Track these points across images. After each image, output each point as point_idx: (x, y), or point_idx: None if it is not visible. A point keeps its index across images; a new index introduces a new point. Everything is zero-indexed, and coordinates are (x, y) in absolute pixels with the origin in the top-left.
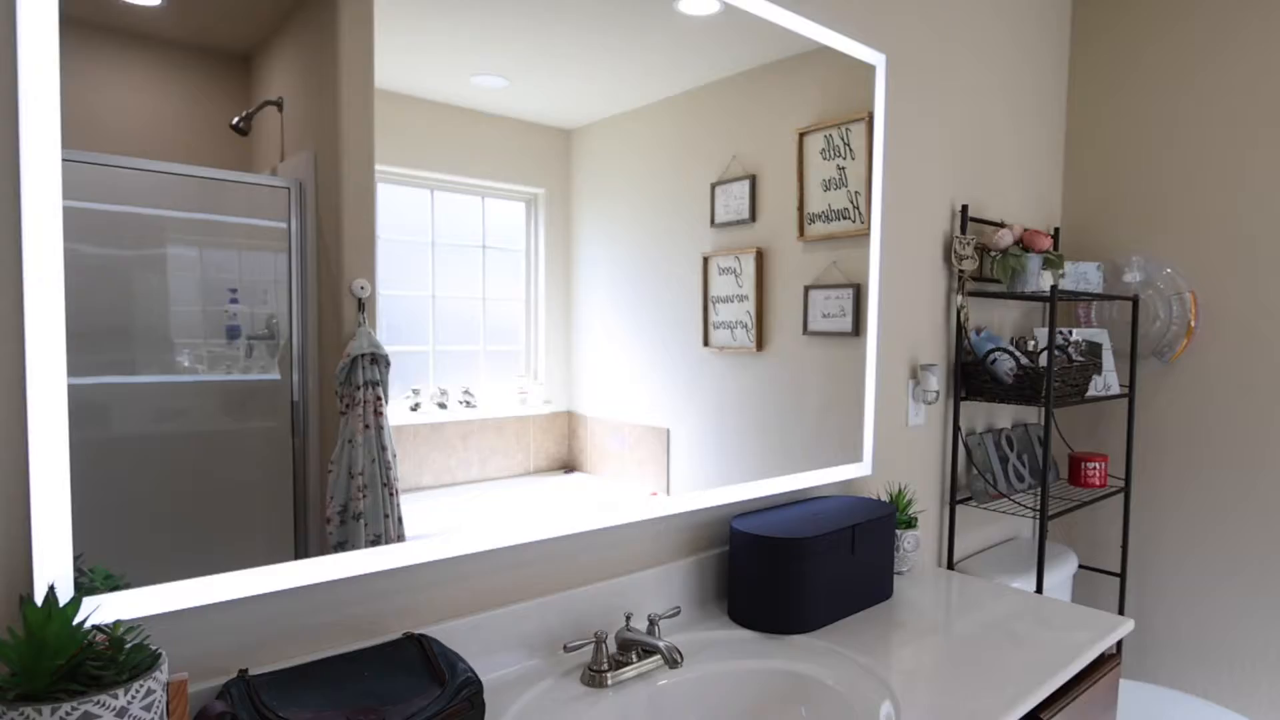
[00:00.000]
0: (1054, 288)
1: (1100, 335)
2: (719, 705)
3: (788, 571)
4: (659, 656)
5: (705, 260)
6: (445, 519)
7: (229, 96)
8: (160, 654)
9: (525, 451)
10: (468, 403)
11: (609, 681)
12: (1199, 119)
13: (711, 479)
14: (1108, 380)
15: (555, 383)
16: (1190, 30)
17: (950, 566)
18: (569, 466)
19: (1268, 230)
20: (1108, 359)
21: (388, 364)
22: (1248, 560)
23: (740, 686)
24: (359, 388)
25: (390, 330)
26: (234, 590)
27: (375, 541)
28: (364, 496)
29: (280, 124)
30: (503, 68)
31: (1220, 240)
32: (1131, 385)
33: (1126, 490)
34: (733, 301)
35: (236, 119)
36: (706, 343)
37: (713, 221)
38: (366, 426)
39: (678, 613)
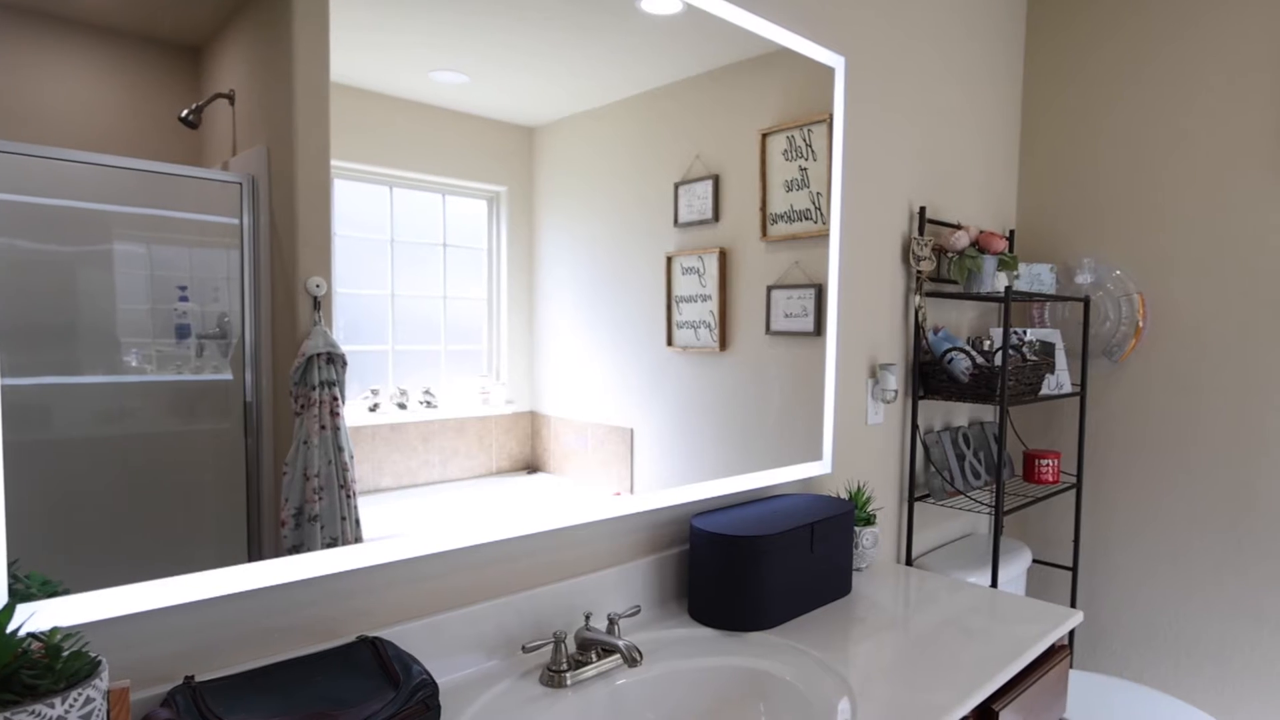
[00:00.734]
0: (1008, 289)
1: (1053, 335)
2: (679, 703)
3: (746, 569)
4: (618, 656)
5: (669, 260)
6: (404, 521)
7: (178, 89)
8: (100, 661)
9: (487, 452)
10: (428, 403)
11: (568, 681)
12: (1144, 125)
13: (675, 478)
14: (1060, 379)
15: (518, 383)
16: (1135, 37)
17: (909, 563)
18: (532, 467)
19: (1210, 235)
20: (1060, 358)
21: (344, 363)
22: (1190, 553)
23: (700, 684)
24: (314, 388)
25: (348, 329)
26: (179, 595)
27: (332, 544)
28: (320, 499)
29: (232, 117)
30: (463, 64)
31: (1166, 244)
32: (1083, 384)
33: (1078, 486)
34: (696, 301)
35: (185, 111)
36: (670, 342)
37: (676, 221)
38: (323, 427)
39: (638, 612)
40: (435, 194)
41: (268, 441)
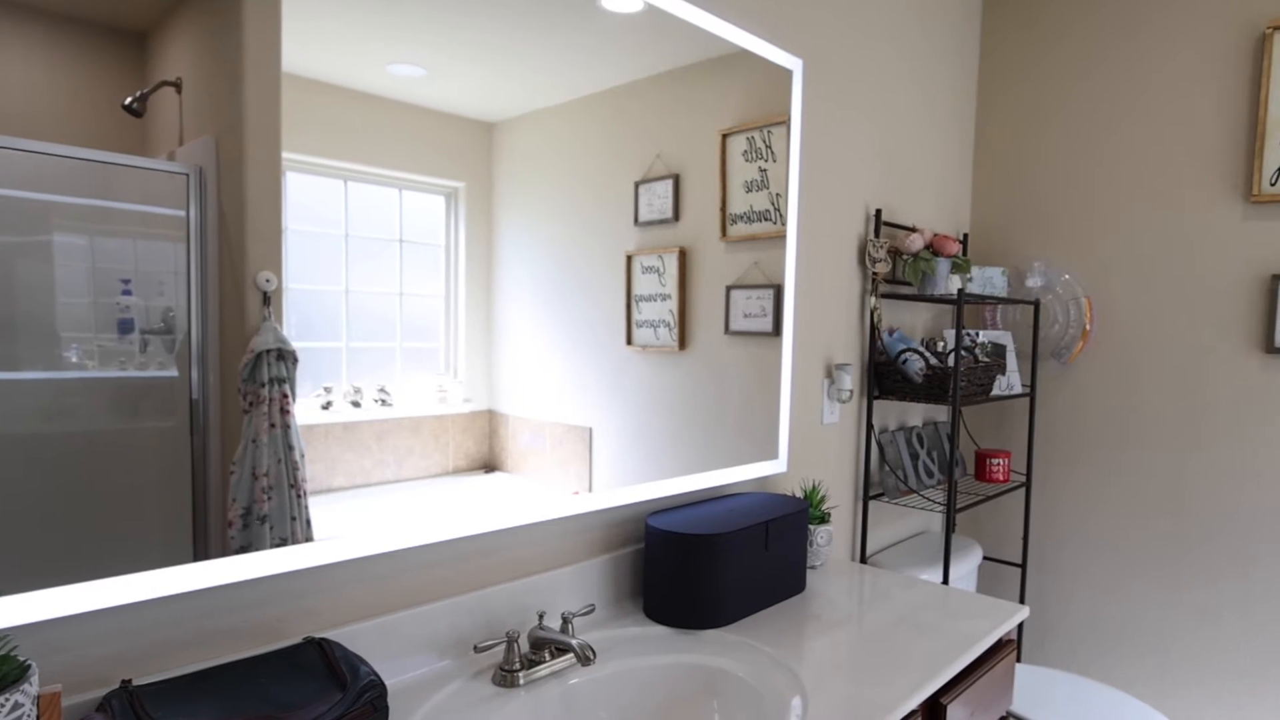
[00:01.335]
0: (961, 291)
1: (1004, 337)
2: (632, 701)
3: (701, 567)
4: (572, 655)
5: (629, 259)
6: (357, 521)
7: (122, 76)
8: (29, 665)
9: (444, 451)
10: (383, 401)
11: (521, 681)
12: (1092, 131)
13: (634, 477)
14: (1011, 380)
15: (476, 381)
16: (1083, 44)
17: (863, 560)
18: (490, 466)
19: (1153, 241)
20: (1011, 360)
21: (295, 360)
22: (1131, 549)
23: (653, 681)
24: (264, 385)
25: (300, 325)
26: (116, 597)
27: (281, 544)
28: (269, 499)
29: (179, 106)
30: (421, 56)
31: (1112, 249)
32: (1033, 385)
33: (1027, 484)
34: (656, 300)
35: (129, 99)
36: (629, 341)
37: (636, 220)
38: (272, 425)
39: (592, 610)
40: (391, 189)
41: (215, 440)
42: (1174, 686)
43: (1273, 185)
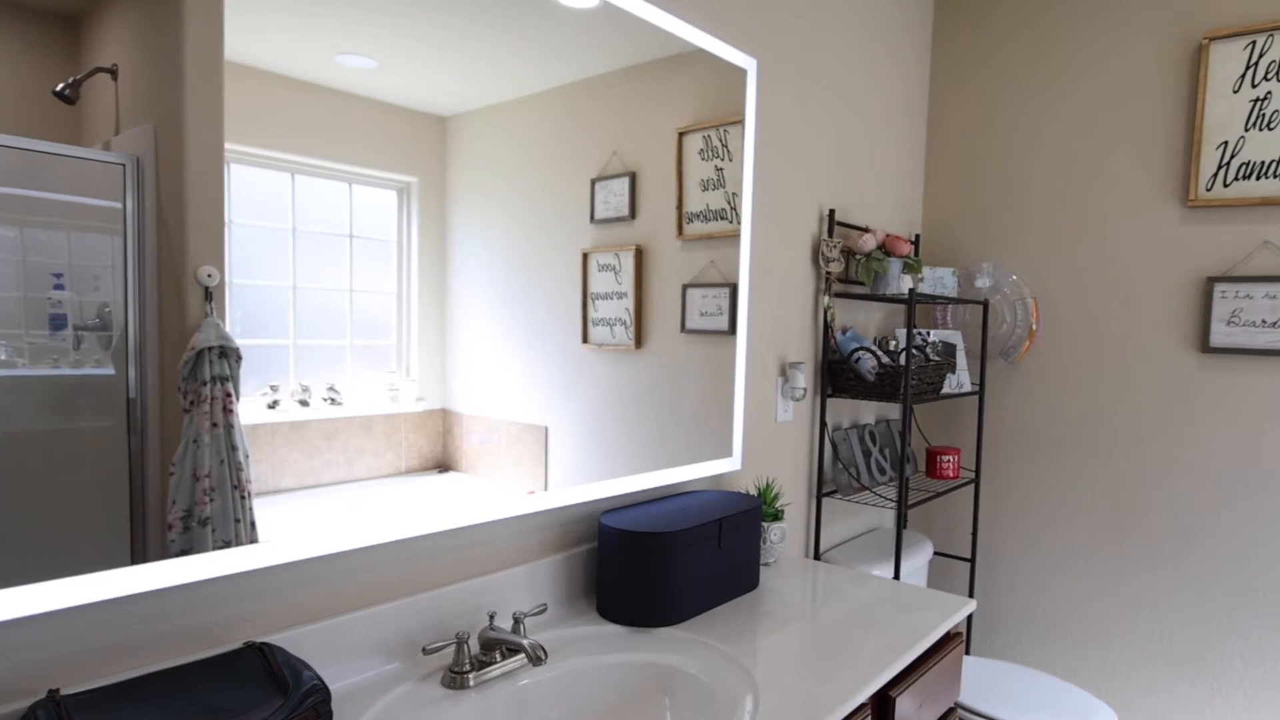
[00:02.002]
0: (912, 291)
1: (955, 336)
2: (584, 700)
3: (654, 565)
4: (523, 655)
5: (585, 256)
6: (305, 522)
7: (53, 61)
8: None
9: (396, 451)
10: (333, 400)
11: (471, 682)
12: (1037, 135)
13: (590, 476)
14: (961, 379)
15: (429, 379)
16: (1029, 49)
17: (817, 557)
18: (443, 466)
19: (1096, 243)
20: (961, 359)
21: (239, 358)
22: (1076, 543)
23: (605, 680)
24: (205, 383)
25: (245, 322)
26: (44, 602)
27: (224, 548)
28: (211, 500)
29: (115, 93)
30: (371, 48)
31: (1057, 251)
32: (981, 383)
33: (976, 481)
34: (612, 299)
35: (61, 85)
36: (585, 340)
37: (592, 218)
38: (214, 425)
39: (544, 610)
40: (341, 183)
41: (154, 440)
42: (1114, 675)
43: (1208, 190)
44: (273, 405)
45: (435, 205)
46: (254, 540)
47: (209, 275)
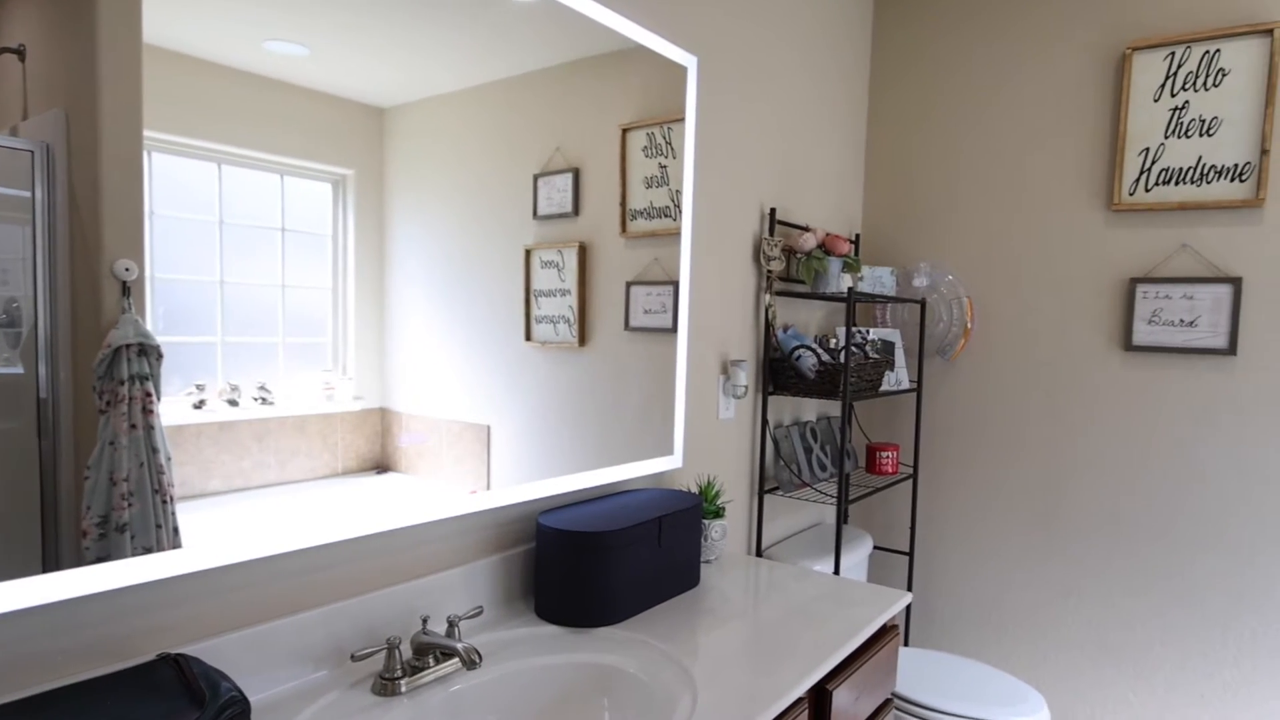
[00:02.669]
0: (851, 290)
1: (893, 335)
2: (519, 702)
3: (593, 565)
4: (457, 659)
5: (527, 253)
6: (233, 526)
7: None
8: None
9: (332, 451)
10: (264, 399)
11: (402, 689)
12: (972, 138)
13: (534, 475)
14: (899, 376)
15: (367, 378)
16: (963, 49)
17: (759, 553)
18: (382, 467)
19: (1027, 245)
20: (900, 356)
21: (159, 356)
22: (1009, 536)
23: (542, 682)
24: (123, 383)
25: (168, 318)
26: None
27: (145, 555)
28: (130, 505)
29: (22, 76)
30: (302, 35)
31: (990, 251)
32: (919, 380)
33: (915, 476)
34: (555, 296)
35: None
36: (529, 337)
37: (535, 214)
38: (133, 426)
39: (480, 613)
40: (272, 174)
41: (66, 443)
42: (1043, 661)
43: (1131, 195)
44: (199, 405)
45: (372, 198)
46: (177, 546)
47: (127, 269)
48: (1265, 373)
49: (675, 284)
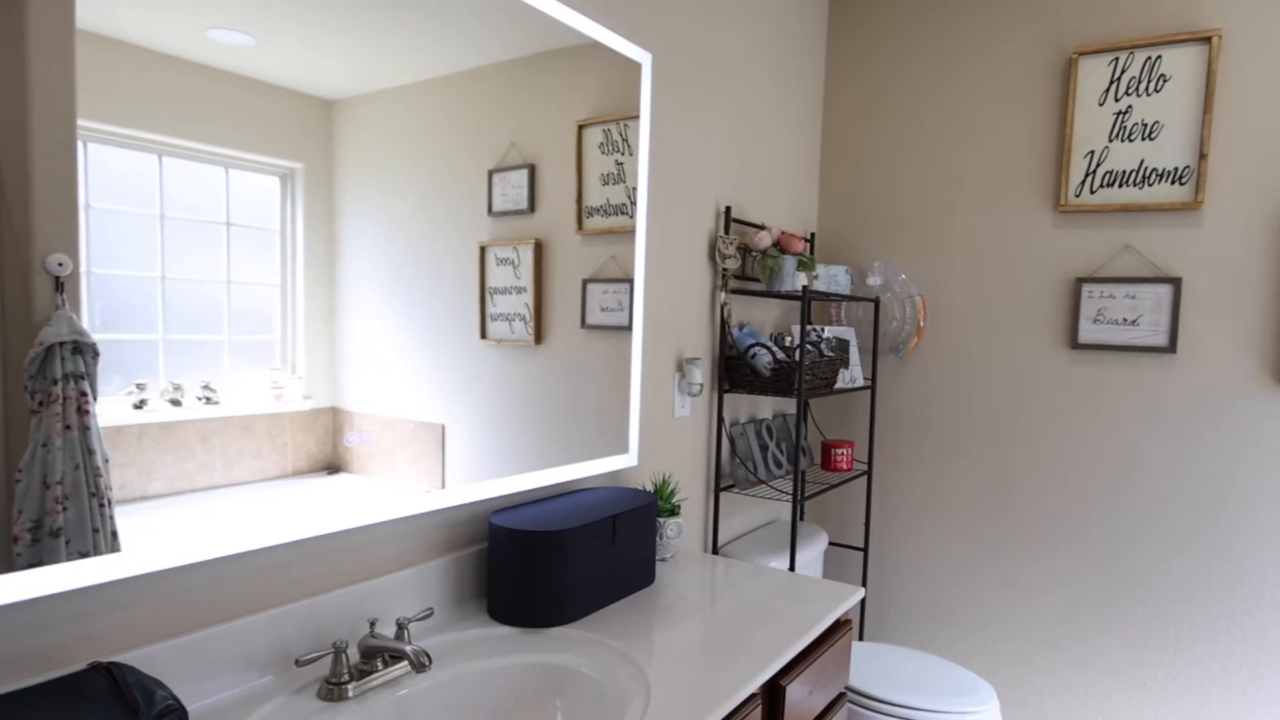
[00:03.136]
0: (806, 288)
1: (848, 333)
2: (471, 705)
3: (546, 564)
4: (407, 662)
5: (482, 250)
6: (174, 530)
7: None
8: None
9: (281, 452)
10: (209, 399)
11: (350, 693)
12: (923, 140)
13: (488, 475)
14: (854, 374)
15: (317, 377)
16: (916, 50)
17: (715, 551)
18: (333, 467)
19: (977, 244)
20: (854, 354)
21: (96, 354)
22: (960, 531)
23: (494, 684)
24: (56, 382)
25: (106, 315)
26: None
27: (81, 560)
28: (64, 509)
29: None
30: (247, 24)
31: (942, 251)
32: (874, 378)
33: (869, 472)
34: (511, 293)
35: None
36: (484, 335)
37: (490, 210)
38: (67, 427)
39: (430, 614)
40: (216, 167)
41: None
42: (994, 653)
43: (1077, 196)
44: (139, 405)
45: (322, 193)
46: (115, 551)
47: (60, 264)
48: (1202, 370)
49: (632, 281)
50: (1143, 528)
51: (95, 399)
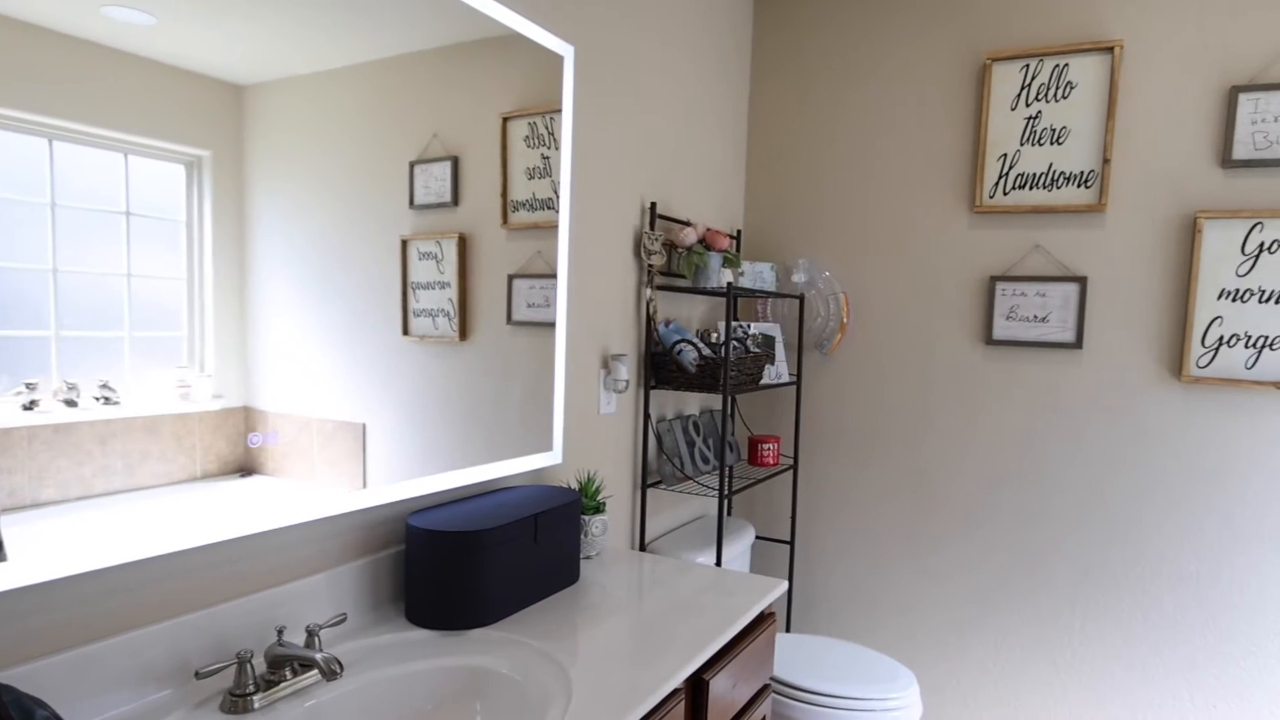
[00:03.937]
0: (731, 285)
1: (774, 329)
2: (384, 712)
3: (465, 565)
4: (316, 670)
5: (404, 243)
6: (66, 538)
7: None
8: None
9: (189, 454)
10: (108, 399)
11: (255, 705)
12: (846, 140)
13: (411, 474)
14: (780, 369)
15: (228, 375)
16: (836, 53)
17: (642, 548)
18: (246, 469)
19: (897, 243)
20: (780, 350)
21: None
22: (879, 522)
23: (410, 689)
24: None
25: None
26: None
27: None
28: None
29: None
30: (146, 2)
31: (864, 248)
32: (799, 374)
33: (795, 467)
34: (434, 288)
35: None
36: (406, 331)
37: (412, 202)
38: None
39: (343, 620)
40: (115, 153)
41: None
42: (915, 641)
43: (991, 198)
44: (29, 406)
45: (232, 182)
46: (1, 561)
47: None
48: (1106, 365)
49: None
50: (1048, 514)
51: None
